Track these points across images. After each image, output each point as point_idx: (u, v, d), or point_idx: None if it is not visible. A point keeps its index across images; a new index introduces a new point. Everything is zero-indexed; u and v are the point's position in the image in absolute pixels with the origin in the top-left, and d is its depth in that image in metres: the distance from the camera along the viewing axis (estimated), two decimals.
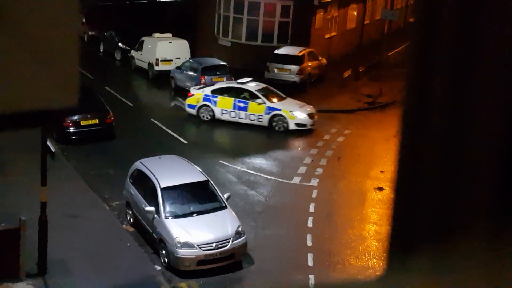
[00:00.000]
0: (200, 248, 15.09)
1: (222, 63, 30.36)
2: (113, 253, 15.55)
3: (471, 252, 1.61)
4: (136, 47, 34.14)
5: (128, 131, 24.28)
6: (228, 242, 15.28)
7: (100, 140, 22.96)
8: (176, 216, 15.72)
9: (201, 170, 17.30)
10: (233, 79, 29.16)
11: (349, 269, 15.58)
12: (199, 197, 16.40)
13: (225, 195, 16.52)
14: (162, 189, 16.11)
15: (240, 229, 15.63)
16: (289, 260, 15.86)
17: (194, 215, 15.88)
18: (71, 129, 22.79)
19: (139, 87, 32.90)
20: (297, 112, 24.93)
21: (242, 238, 15.57)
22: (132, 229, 17.07)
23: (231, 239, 15.33)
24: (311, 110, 25.40)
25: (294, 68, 30.65)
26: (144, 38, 33.74)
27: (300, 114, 24.88)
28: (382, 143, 23.62)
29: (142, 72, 33.38)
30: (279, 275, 14.92)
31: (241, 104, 25.38)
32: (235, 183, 20.13)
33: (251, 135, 24.76)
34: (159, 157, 18.17)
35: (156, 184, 16.25)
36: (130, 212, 17.36)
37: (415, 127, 1.63)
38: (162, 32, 33.65)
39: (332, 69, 33.35)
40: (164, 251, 15.39)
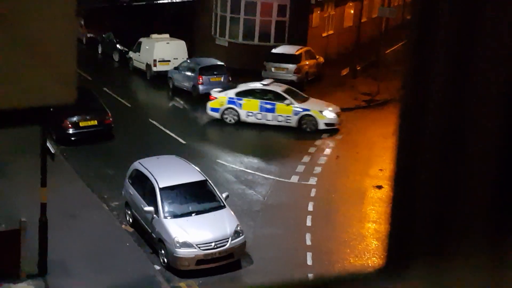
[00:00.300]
0: (199, 247, 15.11)
1: (220, 63, 30.34)
2: (113, 253, 15.57)
3: (469, 253, 1.62)
4: (134, 48, 34.12)
5: (127, 132, 24.30)
6: (227, 241, 15.30)
7: (99, 141, 22.99)
8: (175, 216, 15.74)
9: (199, 170, 17.32)
10: (230, 78, 29.17)
11: (348, 268, 15.58)
12: (198, 197, 16.42)
13: (224, 195, 16.53)
14: (161, 189, 16.13)
15: (239, 228, 15.65)
16: (288, 259, 15.87)
17: (193, 214, 15.90)
18: (70, 130, 22.82)
19: (137, 88, 32.90)
20: (326, 112, 24.95)
21: (241, 238, 15.59)
22: (131, 229, 17.09)
23: (230, 238, 15.35)
24: (337, 109, 25.48)
25: (291, 67, 30.63)
26: (141, 39, 33.72)
27: (329, 114, 24.91)
28: (380, 141, 23.57)
29: (140, 73, 33.36)
30: (278, 275, 14.94)
31: (268, 106, 25.12)
32: (234, 182, 20.14)
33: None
34: (157, 157, 18.18)
35: (154, 184, 16.27)
36: (129, 212, 17.38)
37: (412, 125, 1.65)
38: (159, 33, 33.64)
39: (329, 68, 33.33)
40: (163, 251, 15.41)
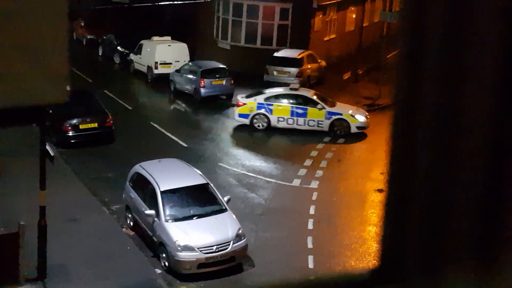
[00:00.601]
0: (201, 251, 15.05)
1: (222, 66, 30.33)
2: (113, 257, 15.50)
3: (462, 256, 1.60)
4: (135, 50, 34.15)
5: (128, 135, 24.27)
6: (228, 245, 15.24)
7: (99, 143, 22.95)
8: (176, 219, 15.68)
9: (201, 173, 17.26)
10: (232, 81, 29.16)
11: (347, 271, 15.54)
12: (199, 200, 16.36)
13: (225, 198, 16.48)
14: (162, 192, 16.06)
15: (240, 231, 15.59)
16: (290, 263, 15.83)
17: (194, 218, 15.84)
18: (70, 133, 22.78)
19: (138, 90, 32.90)
20: (358, 116, 25.05)
21: (243, 241, 15.53)
22: (132, 233, 17.03)
23: (232, 242, 15.29)
24: (365, 112, 25.64)
25: (293, 70, 30.65)
26: (143, 42, 33.74)
27: (360, 117, 25.03)
28: (381, 145, 23.57)
29: (141, 76, 33.38)
30: (279, 278, 14.88)
31: (300, 111, 25.09)
32: (235, 185, 20.10)
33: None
34: (158, 160, 18.14)
35: (156, 187, 16.21)
36: (130, 215, 17.32)
37: (406, 130, 1.62)
38: (161, 35, 33.64)
39: (331, 72, 33.36)
40: (164, 255, 15.34)
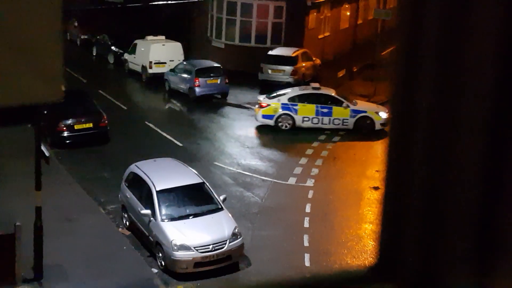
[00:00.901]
0: (197, 250, 15.05)
1: (216, 65, 30.31)
2: (110, 257, 15.49)
3: (458, 255, 1.60)
4: (129, 50, 34.08)
5: (123, 135, 24.23)
6: (224, 244, 15.24)
7: (94, 143, 22.89)
8: (172, 219, 15.67)
9: (196, 172, 17.25)
10: (227, 80, 29.15)
11: (343, 268, 15.56)
12: (195, 199, 16.36)
13: (221, 197, 16.48)
14: (158, 191, 16.05)
15: (236, 230, 15.59)
16: (286, 261, 15.83)
17: (190, 217, 15.83)
18: (65, 133, 22.74)
19: (133, 90, 32.84)
20: (381, 113, 25.11)
21: (239, 240, 15.54)
22: (128, 233, 17.02)
23: (228, 240, 15.29)
24: (386, 109, 25.63)
25: (288, 69, 30.65)
26: (137, 41, 33.67)
27: (383, 114, 25.05)
28: (377, 143, 23.64)
29: (136, 75, 33.32)
30: (276, 276, 14.89)
31: (325, 110, 25.17)
32: (231, 184, 20.09)
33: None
34: (154, 160, 18.13)
35: (151, 187, 16.20)
36: (126, 215, 17.30)
37: (403, 130, 1.62)
38: (155, 34, 33.57)
39: (326, 69, 33.34)
40: (160, 254, 15.34)
